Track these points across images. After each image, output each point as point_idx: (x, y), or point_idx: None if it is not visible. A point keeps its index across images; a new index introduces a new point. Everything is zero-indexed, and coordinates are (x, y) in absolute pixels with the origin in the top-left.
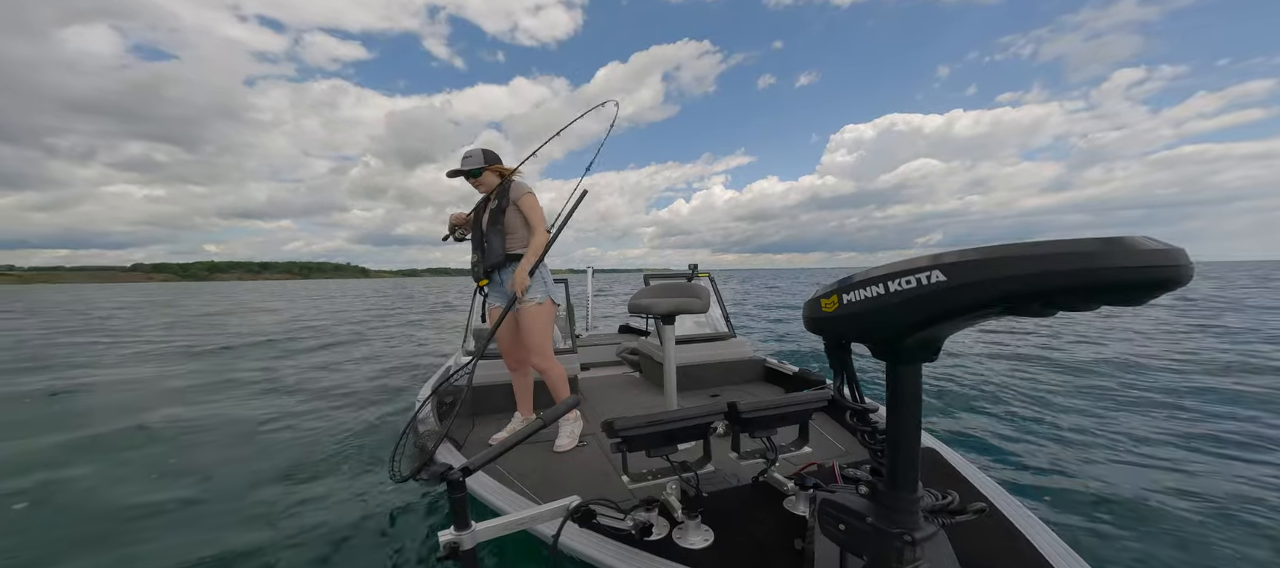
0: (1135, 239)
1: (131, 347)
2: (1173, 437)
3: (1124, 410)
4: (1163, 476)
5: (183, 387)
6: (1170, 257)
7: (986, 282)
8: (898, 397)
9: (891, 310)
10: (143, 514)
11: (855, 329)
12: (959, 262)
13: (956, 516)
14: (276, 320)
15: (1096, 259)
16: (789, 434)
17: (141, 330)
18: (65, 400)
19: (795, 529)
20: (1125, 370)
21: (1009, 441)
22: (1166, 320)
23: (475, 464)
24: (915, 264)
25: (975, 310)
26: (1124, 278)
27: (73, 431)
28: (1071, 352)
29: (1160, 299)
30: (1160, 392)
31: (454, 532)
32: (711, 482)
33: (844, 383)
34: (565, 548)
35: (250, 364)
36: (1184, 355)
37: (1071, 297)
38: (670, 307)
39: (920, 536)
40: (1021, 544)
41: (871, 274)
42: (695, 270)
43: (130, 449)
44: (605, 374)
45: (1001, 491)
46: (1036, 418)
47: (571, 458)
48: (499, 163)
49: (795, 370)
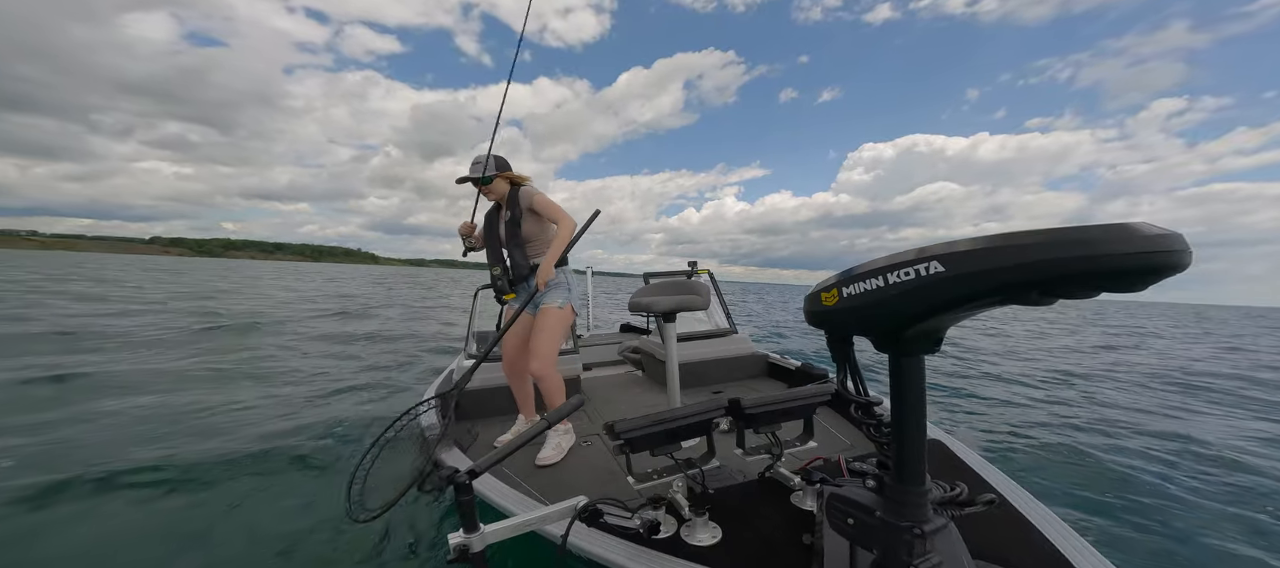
0: (1135, 224)
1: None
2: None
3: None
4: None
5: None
6: (1169, 242)
7: (985, 272)
8: (902, 389)
9: (891, 302)
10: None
11: (856, 322)
12: (957, 252)
13: (966, 507)
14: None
15: (1097, 246)
16: (793, 429)
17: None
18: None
19: (803, 524)
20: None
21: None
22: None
23: (482, 467)
24: (914, 256)
25: (974, 300)
26: (1125, 264)
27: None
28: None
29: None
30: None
31: (463, 534)
32: (717, 479)
33: (847, 377)
34: (574, 548)
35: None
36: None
37: (1071, 284)
38: (671, 305)
39: (930, 528)
40: (1033, 535)
41: (871, 267)
42: (695, 268)
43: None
44: (607, 374)
45: (1011, 481)
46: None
47: (577, 458)
48: (510, 169)
49: (798, 365)
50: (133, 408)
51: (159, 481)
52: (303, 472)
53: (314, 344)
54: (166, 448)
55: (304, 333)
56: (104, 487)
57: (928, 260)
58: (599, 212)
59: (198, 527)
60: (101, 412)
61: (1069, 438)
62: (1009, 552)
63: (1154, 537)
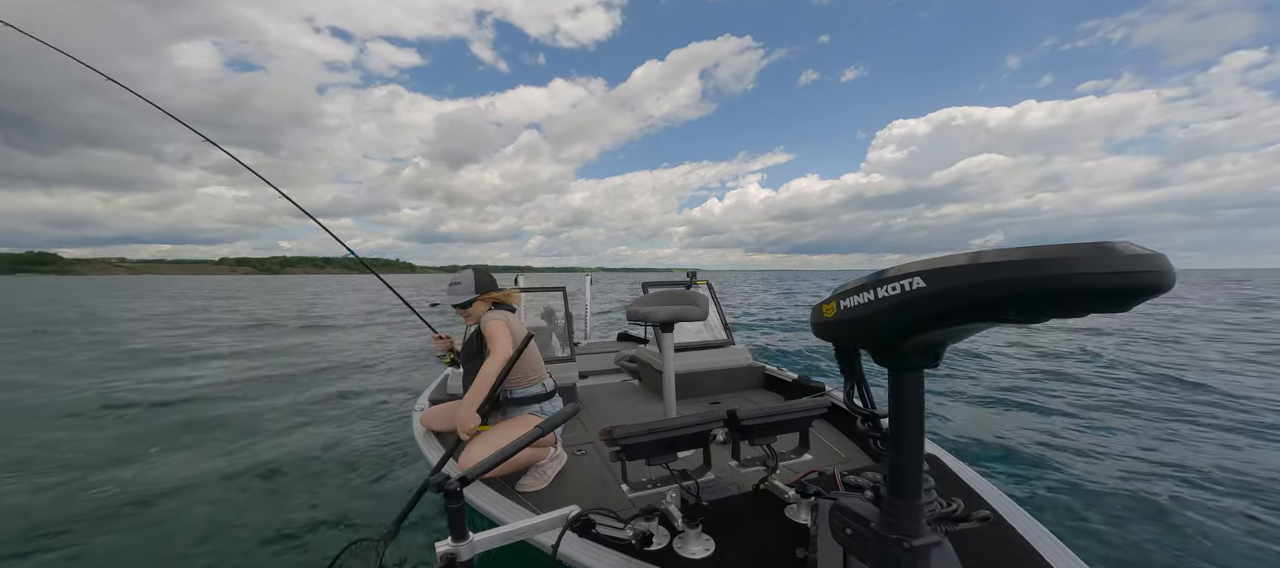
0: (1118, 244)
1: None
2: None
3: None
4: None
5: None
6: (1153, 262)
7: (962, 288)
8: (899, 403)
9: (880, 316)
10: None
11: (851, 335)
12: (938, 268)
13: (961, 523)
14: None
15: (1078, 265)
16: (789, 441)
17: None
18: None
19: (797, 538)
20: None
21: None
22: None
23: (472, 474)
24: (900, 271)
25: (955, 317)
26: (1108, 284)
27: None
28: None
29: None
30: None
31: (451, 543)
32: (712, 490)
33: (854, 389)
34: (565, 559)
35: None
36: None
37: (1051, 304)
38: (669, 314)
39: (919, 543)
40: (1028, 553)
41: (862, 281)
42: (694, 277)
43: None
44: (604, 382)
45: (1007, 499)
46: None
47: (570, 467)
48: (492, 288)
49: (795, 377)
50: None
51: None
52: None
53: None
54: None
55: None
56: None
57: (911, 276)
58: (531, 337)
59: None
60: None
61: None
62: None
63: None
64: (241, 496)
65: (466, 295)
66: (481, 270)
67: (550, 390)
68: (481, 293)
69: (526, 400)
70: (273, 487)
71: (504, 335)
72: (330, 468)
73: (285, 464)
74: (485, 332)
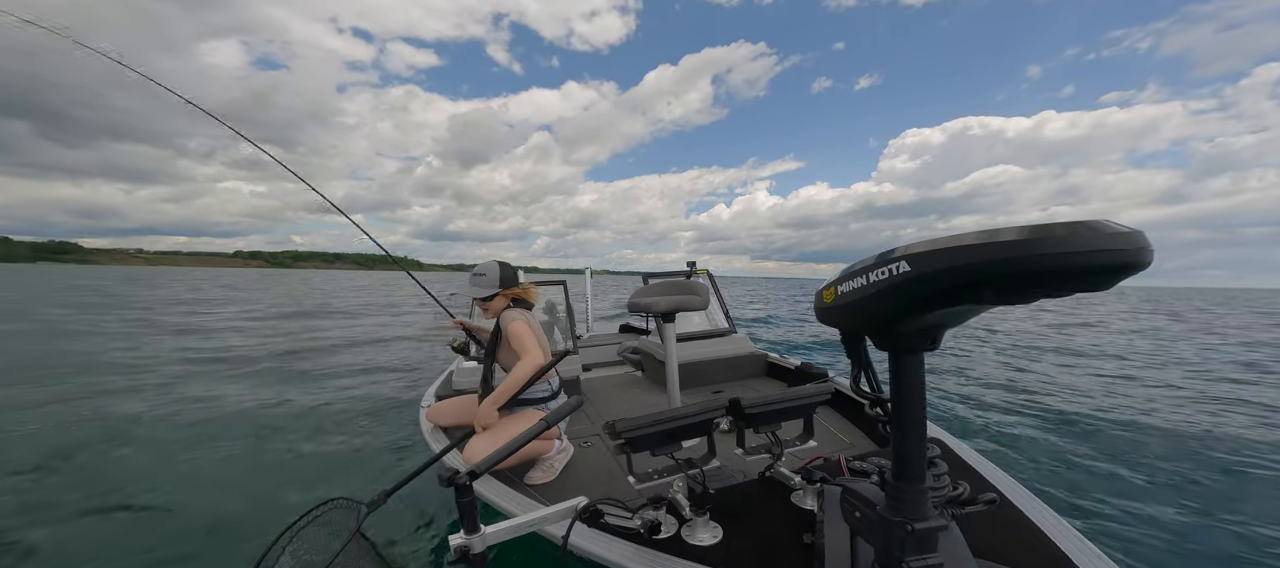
0: (1100, 222)
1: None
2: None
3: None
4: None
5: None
6: (1133, 240)
7: (945, 270)
8: (900, 387)
9: (872, 300)
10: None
11: (848, 320)
12: (922, 251)
13: (966, 506)
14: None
15: (1063, 244)
16: (794, 429)
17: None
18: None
19: (803, 524)
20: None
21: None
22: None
23: (482, 468)
24: (887, 255)
25: (941, 301)
26: (1090, 262)
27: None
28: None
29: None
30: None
31: (464, 535)
32: (718, 478)
33: (861, 374)
34: (575, 549)
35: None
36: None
37: (1033, 283)
38: (670, 305)
39: (923, 526)
40: (1034, 535)
41: (857, 266)
42: (694, 268)
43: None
44: (607, 374)
45: (1012, 481)
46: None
47: (577, 459)
48: (514, 283)
49: (797, 364)
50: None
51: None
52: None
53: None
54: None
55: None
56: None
57: (897, 260)
58: (567, 352)
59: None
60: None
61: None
62: (1010, 550)
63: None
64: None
65: (490, 289)
66: (505, 264)
67: (556, 390)
68: (505, 287)
69: (534, 400)
70: (270, 481)
71: (531, 340)
72: (331, 463)
73: (286, 464)
74: (509, 332)
